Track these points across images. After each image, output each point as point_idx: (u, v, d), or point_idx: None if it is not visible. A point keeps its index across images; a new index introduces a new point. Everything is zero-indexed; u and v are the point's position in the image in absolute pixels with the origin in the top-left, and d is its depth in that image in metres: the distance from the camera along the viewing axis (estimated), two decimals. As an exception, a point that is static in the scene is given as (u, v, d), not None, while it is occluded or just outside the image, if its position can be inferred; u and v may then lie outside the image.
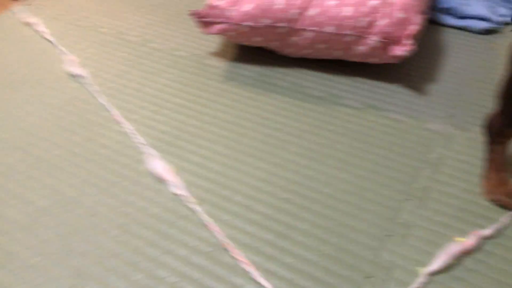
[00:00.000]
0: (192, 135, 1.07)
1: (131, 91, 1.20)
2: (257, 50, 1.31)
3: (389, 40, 1.12)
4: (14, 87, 1.22)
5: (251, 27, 1.18)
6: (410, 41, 1.10)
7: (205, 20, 1.22)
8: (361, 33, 1.13)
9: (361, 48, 1.15)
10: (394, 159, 0.99)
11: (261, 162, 1.00)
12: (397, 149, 1.01)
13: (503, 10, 1.38)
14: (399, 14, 1.11)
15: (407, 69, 1.22)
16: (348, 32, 1.14)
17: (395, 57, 1.13)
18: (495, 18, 1.35)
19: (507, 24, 1.36)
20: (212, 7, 1.20)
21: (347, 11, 1.13)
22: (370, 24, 1.12)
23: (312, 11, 1.15)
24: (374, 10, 1.12)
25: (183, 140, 1.05)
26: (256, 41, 1.22)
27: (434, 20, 1.38)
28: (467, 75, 1.20)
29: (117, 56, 1.32)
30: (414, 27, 1.10)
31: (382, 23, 1.12)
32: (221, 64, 1.28)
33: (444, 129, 1.05)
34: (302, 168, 0.98)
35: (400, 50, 1.11)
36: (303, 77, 1.22)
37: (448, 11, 1.38)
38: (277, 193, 0.94)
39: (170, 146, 1.04)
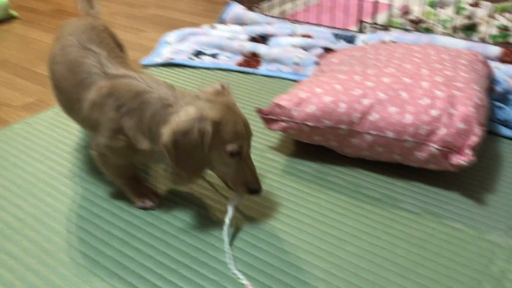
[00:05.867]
0: (247, 227, 1.09)
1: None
2: (315, 147, 1.36)
3: (449, 149, 1.14)
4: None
5: (312, 127, 1.24)
6: (470, 152, 1.12)
7: (268, 118, 1.29)
8: (421, 140, 1.16)
9: (421, 155, 1.18)
10: (454, 268, 0.97)
11: (319, 261, 0.99)
12: (457, 259, 1.00)
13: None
14: (460, 125, 1.14)
15: (465, 177, 1.23)
16: (408, 138, 1.17)
17: (454, 166, 1.14)
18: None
19: None
20: (278, 105, 1.27)
21: (408, 118, 1.18)
22: (431, 132, 1.16)
23: (373, 116, 1.20)
24: (435, 119, 1.16)
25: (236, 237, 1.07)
26: (316, 140, 1.27)
27: (492, 131, 1.40)
28: (526, 188, 1.20)
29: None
30: (474, 139, 1.13)
31: (442, 132, 1.15)
32: (280, 159, 1.32)
33: (505, 242, 1.03)
34: (361, 271, 0.97)
35: (460, 160, 1.13)
36: (360, 177, 1.25)
37: (505, 123, 1.41)
38: (335, 294, 0.93)
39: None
